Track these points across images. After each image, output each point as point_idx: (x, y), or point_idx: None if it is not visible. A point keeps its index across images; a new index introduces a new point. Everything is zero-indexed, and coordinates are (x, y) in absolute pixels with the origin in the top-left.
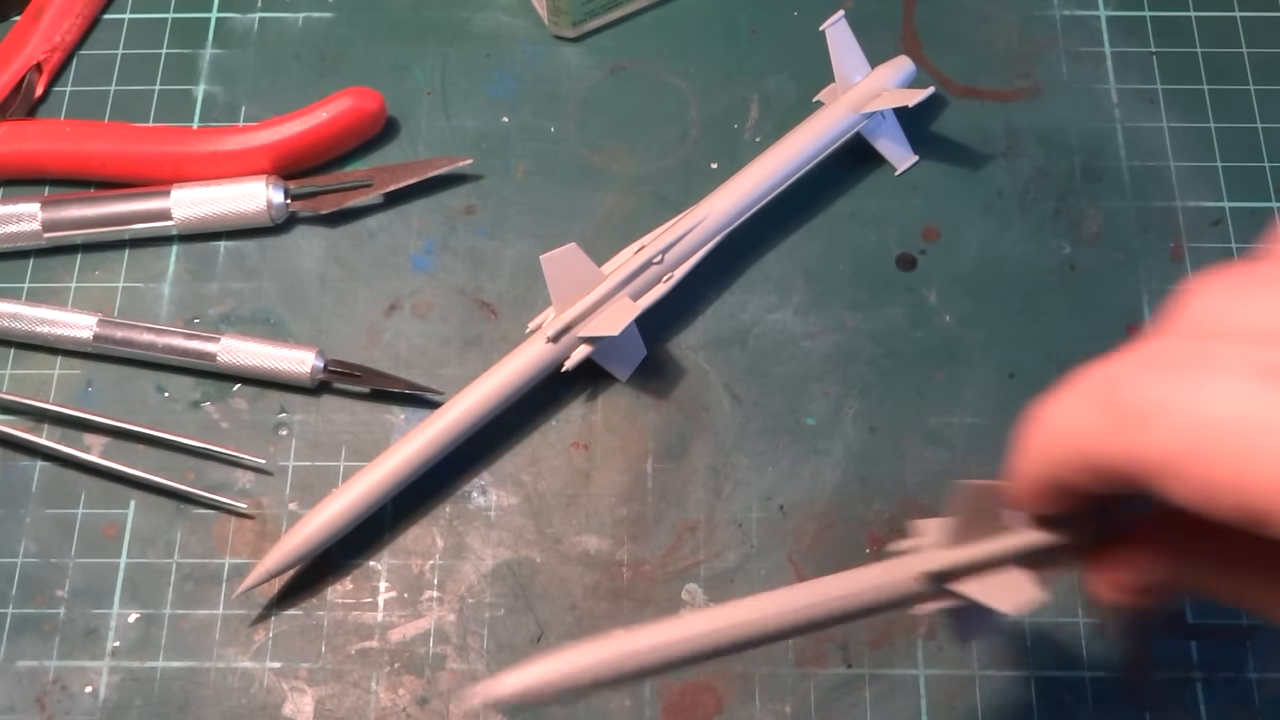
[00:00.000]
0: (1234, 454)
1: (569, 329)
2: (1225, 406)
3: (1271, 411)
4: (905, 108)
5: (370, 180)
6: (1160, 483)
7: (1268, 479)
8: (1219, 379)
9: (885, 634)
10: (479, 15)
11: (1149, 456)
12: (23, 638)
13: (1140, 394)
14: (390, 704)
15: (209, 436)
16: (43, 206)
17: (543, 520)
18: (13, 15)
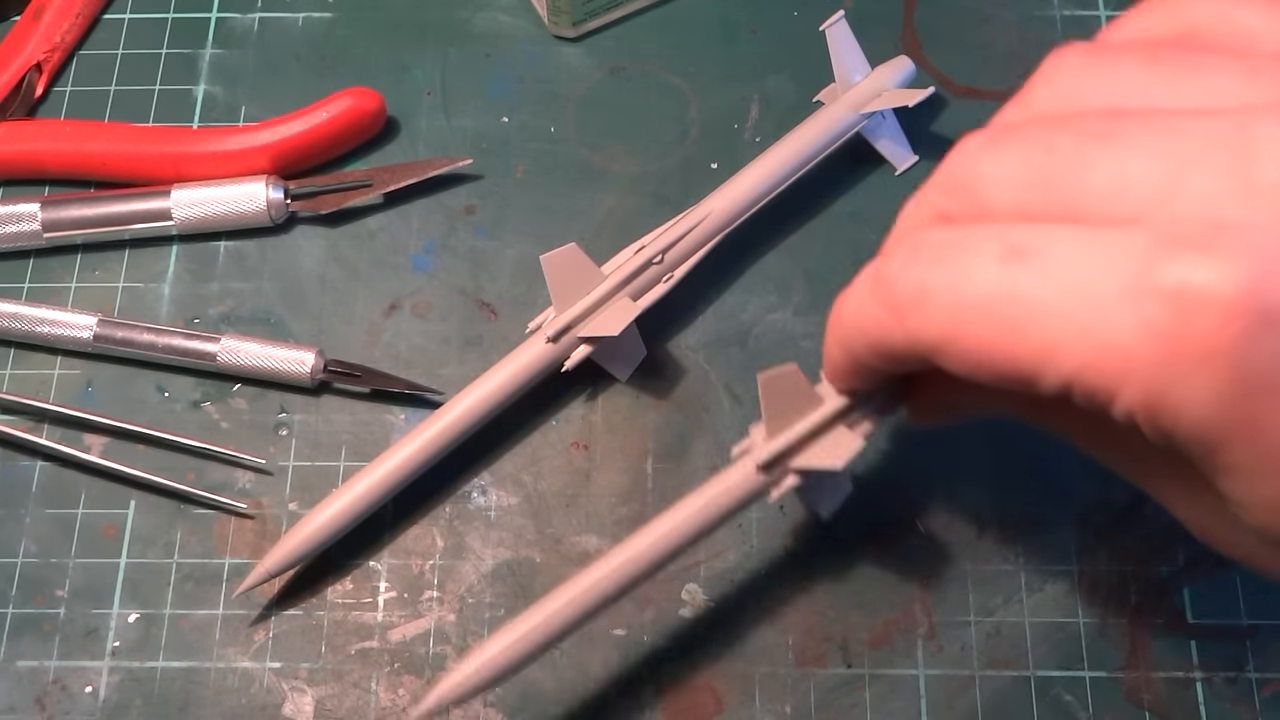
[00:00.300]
0: (988, 329)
1: (569, 329)
2: (976, 287)
3: (1013, 287)
4: (905, 108)
5: (370, 180)
6: (937, 359)
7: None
8: (970, 262)
9: (885, 634)
10: (479, 15)
11: (922, 339)
12: (23, 638)
13: (908, 283)
14: (390, 704)
15: (209, 436)
16: (43, 206)
17: (543, 520)
18: (13, 15)
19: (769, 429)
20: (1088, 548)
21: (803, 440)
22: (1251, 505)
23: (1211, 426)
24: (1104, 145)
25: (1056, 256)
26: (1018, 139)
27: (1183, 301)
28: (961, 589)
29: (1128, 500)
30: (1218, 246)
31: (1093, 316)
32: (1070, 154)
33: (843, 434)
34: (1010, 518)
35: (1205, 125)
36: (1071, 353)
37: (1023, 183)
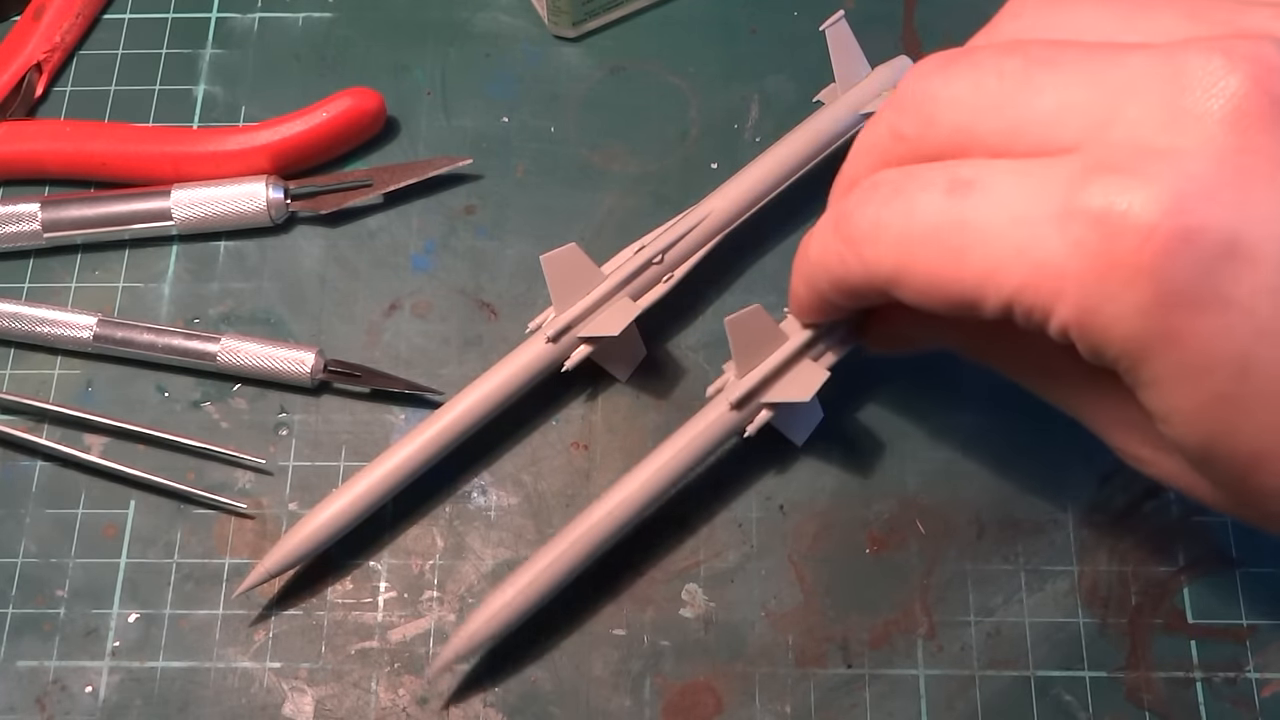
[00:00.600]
0: (935, 257)
1: (569, 329)
2: (924, 218)
3: (956, 216)
4: None
5: (370, 180)
6: (892, 291)
7: (963, 272)
8: (919, 196)
9: (885, 634)
10: (479, 15)
11: (878, 271)
12: (23, 638)
13: (864, 218)
14: (390, 704)
15: (209, 436)
16: (43, 206)
17: (543, 520)
18: (13, 15)
19: (739, 368)
20: (1088, 548)
21: (771, 376)
22: (1171, 417)
23: (1136, 340)
24: (1049, 71)
25: (996, 186)
26: (970, 62)
27: (1108, 222)
28: (961, 589)
29: (1128, 500)
30: (1141, 170)
31: (1028, 239)
32: (1018, 78)
33: (808, 367)
34: (1010, 518)
35: (1143, 57)
36: (1010, 274)
37: (972, 105)
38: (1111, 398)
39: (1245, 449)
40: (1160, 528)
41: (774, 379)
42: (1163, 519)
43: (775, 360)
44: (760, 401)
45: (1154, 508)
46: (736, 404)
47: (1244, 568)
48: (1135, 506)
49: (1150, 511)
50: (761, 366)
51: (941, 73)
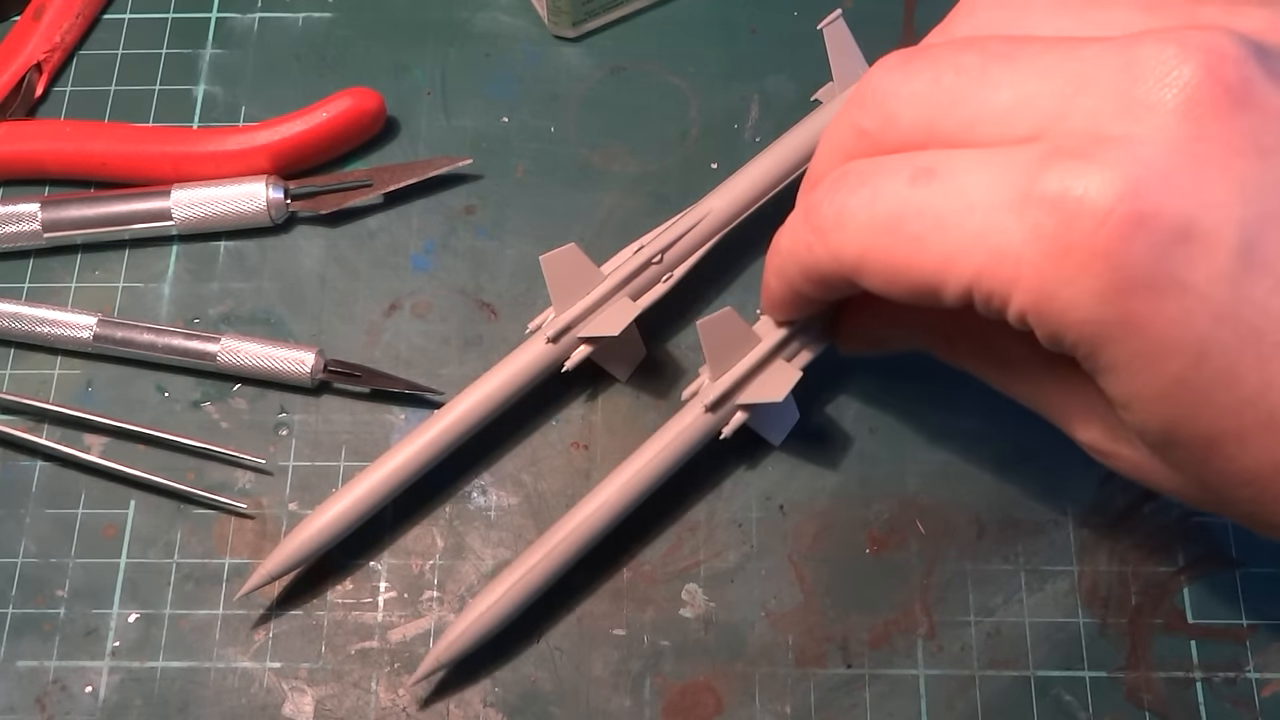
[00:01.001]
0: (896, 244)
1: (569, 329)
2: (886, 206)
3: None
4: None
5: (370, 180)
6: (858, 279)
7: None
8: (882, 185)
9: (885, 634)
10: (479, 15)
11: (843, 258)
12: (23, 638)
13: (831, 207)
14: (390, 704)
15: (209, 436)
16: (43, 206)
17: (543, 520)
18: (13, 15)
19: (713, 371)
20: (1088, 548)
21: (745, 378)
22: (1132, 403)
23: (1093, 325)
24: (1006, 66)
25: (956, 173)
26: (928, 59)
27: (1063, 207)
28: (961, 589)
29: (1128, 500)
30: (1096, 157)
31: (986, 225)
32: (975, 74)
33: (781, 368)
34: (1010, 518)
35: (1098, 49)
36: (968, 260)
37: (931, 101)
38: (1072, 387)
39: (1205, 432)
40: (1160, 528)
41: (748, 380)
42: (1163, 519)
43: (749, 362)
44: (735, 403)
45: (1154, 508)
46: (711, 406)
47: (1244, 568)
48: (1135, 506)
49: (1150, 511)
50: (735, 369)
51: (901, 70)
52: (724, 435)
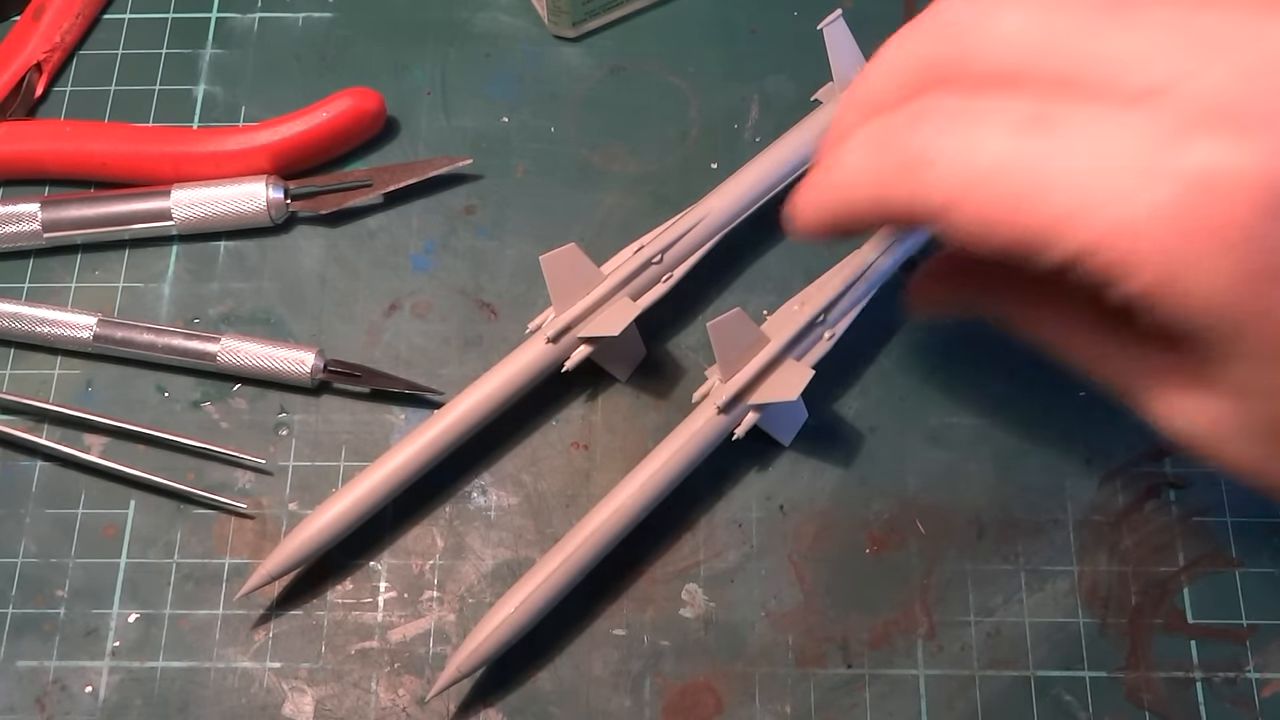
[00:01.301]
0: (999, 195)
1: (569, 329)
2: (990, 152)
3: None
4: None
5: (370, 180)
6: (943, 221)
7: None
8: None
9: (885, 634)
10: (479, 15)
11: (931, 198)
12: (23, 638)
13: (919, 144)
14: (390, 704)
15: (209, 436)
16: (43, 206)
17: (543, 520)
18: (13, 15)
19: (723, 372)
20: (1088, 548)
21: (756, 378)
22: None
23: (1222, 310)
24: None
25: (1076, 129)
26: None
27: (1201, 184)
28: (961, 589)
29: (1128, 500)
30: (1238, 131)
31: (1109, 193)
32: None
33: (793, 366)
34: (1010, 518)
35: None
36: (1083, 227)
37: (1031, 40)
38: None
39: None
40: (1160, 528)
41: (759, 380)
42: (1163, 519)
43: (759, 362)
44: (747, 404)
45: (1154, 508)
46: (724, 408)
47: (1244, 568)
48: (1135, 506)
49: (1150, 511)
50: (746, 369)
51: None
52: (737, 436)
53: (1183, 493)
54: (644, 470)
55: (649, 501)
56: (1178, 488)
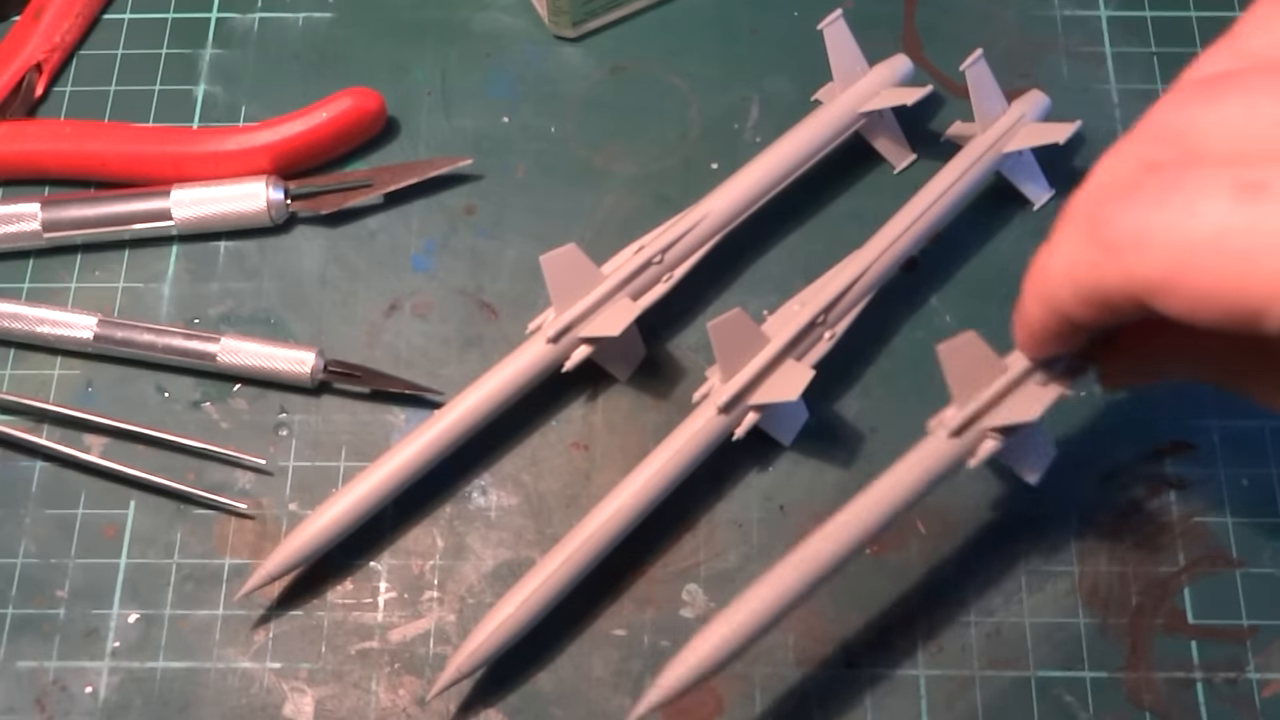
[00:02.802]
0: (1217, 265)
1: (569, 329)
2: (1206, 222)
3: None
4: (904, 106)
5: (370, 180)
6: (1156, 301)
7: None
8: (1199, 199)
9: (885, 634)
10: (479, 15)
11: (1143, 278)
12: (23, 638)
13: (1128, 222)
14: (390, 704)
15: (209, 436)
16: (43, 206)
17: (543, 520)
18: (13, 15)
19: (723, 372)
20: (1088, 548)
21: (757, 378)
22: None
23: None
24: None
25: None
26: (1238, 85)
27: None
28: (961, 589)
29: (1128, 500)
30: None
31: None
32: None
33: (793, 367)
34: (1010, 518)
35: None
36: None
37: (1245, 129)
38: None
39: None
40: (1160, 528)
41: (759, 381)
42: (1163, 519)
43: (759, 362)
44: (747, 404)
45: (1154, 508)
46: (724, 408)
47: (1244, 568)
48: (1135, 506)
49: (1150, 511)
50: (747, 369)
51: (1202, 101)
52: (737, 436)
53: (1183, 493)
54: (644, 470)
55: (649, 501)
56: (1178, 488)
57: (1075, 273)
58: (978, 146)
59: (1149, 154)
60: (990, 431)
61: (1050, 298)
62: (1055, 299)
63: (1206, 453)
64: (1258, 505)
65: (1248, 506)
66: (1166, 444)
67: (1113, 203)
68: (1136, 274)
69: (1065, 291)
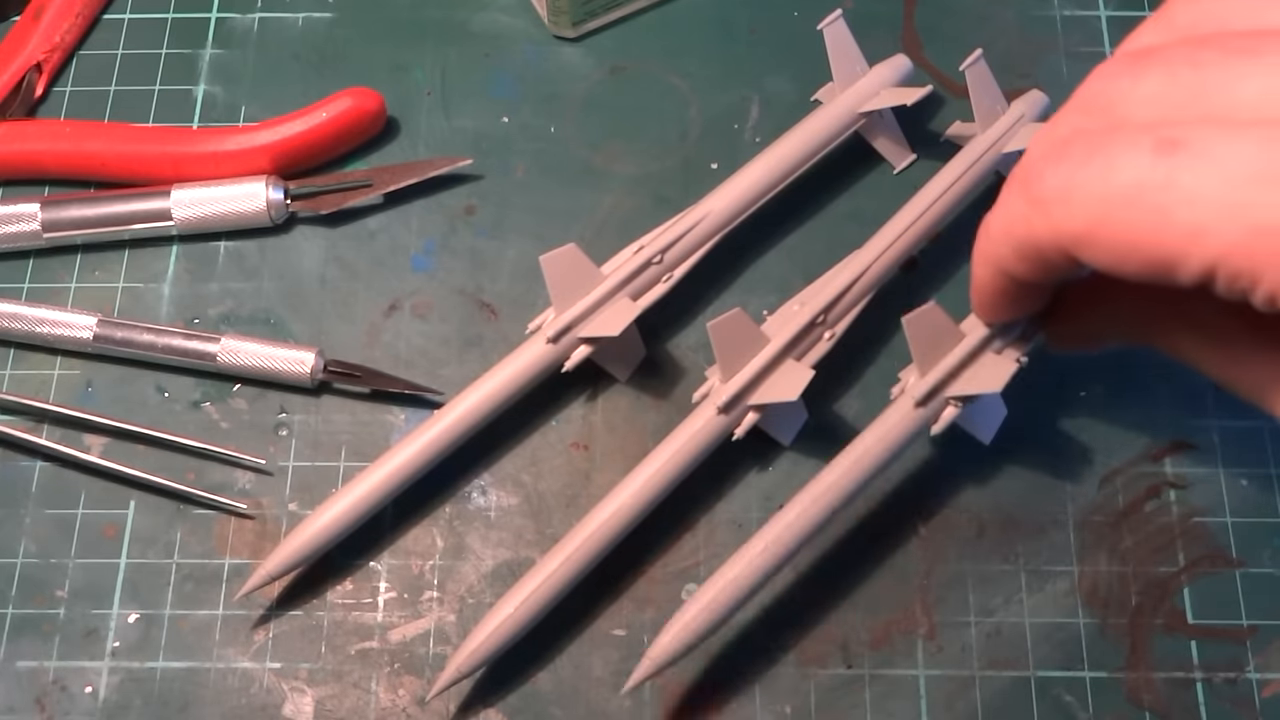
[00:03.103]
0: (1137, 218)
1: (569, 329)
2: (1125, 176)
3: (1164, 175)
4: (904, 106)
5: (370, 180)
6: (1082, 253)
7: (1165, 234)
8: (1120, 155)
9: (885, 634)
10: (479, 15)
11: (1070, 231)
12: (23, 638)
13: (1054, 178)
14: (390, 704)
15: (209, 436)
16: (43, 206)
17: (543, 520)
18: (13, 15)
19: (723, 372)
20: (1088, 548)
21: (757, 378)
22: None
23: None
24: (1252, 59)
25: (1209, 147)
26: (1161, 58)
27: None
28: (961, 589)
29: (1128, 500)
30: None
31: (1243, 200)
32: (1217, 69)
33: (793, 367)
34: (1010, 518)
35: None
36: (1219, 235)
37: (1167, 98)
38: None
39: None
40: (1160, 528)
41: (759, 381)
42: (1163, 519)
43: (759, 362)
44: (747, 404)
45: (1154, 508)
46: (724, 408)
47: (1244, 568)
48: (1135, 506)
49: (1150, 511)
50: (746, 369)
51: (1129, 73)
52: (737, 436)
53: (1183, 493)
54: (644, 470)
55: (649, 501)
56: (1178, 488)
57: (1011, 228)
58: (978, 146)
59: (1080, 122)
60: (952, 400)
61: (992, 255)
62: (996, 255)
63: (1206, 453)
64: (1258, 505)
65: (1248, 506)
66: (1166, 444)
67: (1042, 162)
68: (1063, 227)
69: (1004, 248)
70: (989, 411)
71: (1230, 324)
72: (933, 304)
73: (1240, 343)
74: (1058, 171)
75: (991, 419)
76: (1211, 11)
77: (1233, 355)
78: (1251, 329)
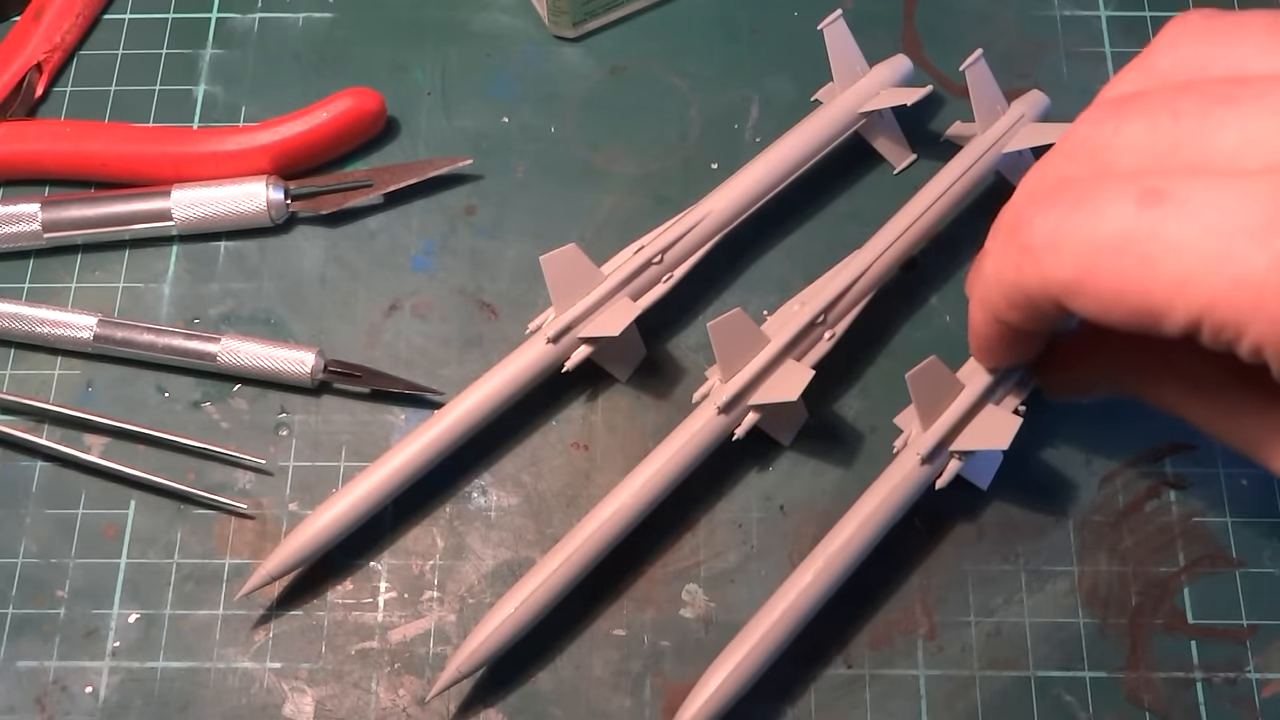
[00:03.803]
0: (1124, 266)
1: (569, 329)
2: (1111, 226)
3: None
4: (904, 106)
5: (370, 180)
6: (1071, 302)
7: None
8: (1106, 206)
9: (885, 634)
10: (479, 15)
11: (1058, 280)
12: (23, 638)
13: (1043, 227)
14: (390, 704)
15: (209, 436)
16: (43, 206)
17: (543, 520)
18: (13, 15)
19: (723, 372)
20: (1088, 548)
21: (757, 378)
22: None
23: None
24: (1229, 107)
25: (1192, 198)
26: (1142, 106)
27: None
28: (961, 589)
29: (1128, 500)
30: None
31: (1225, 251)
32: (1195, 117)
33: (793, 367)
34: (1010, 518)
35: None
36: (1203, 287)
37: (1149, 147)
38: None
39: None
40: (1160, 528)
41: (759, 381)
42: (1163, 519)
43: (759, 362)
44: (747, 404)
45: (1154, 508)
46: (724, 408)
47: (1244, 568)
48: (1135, 506)
49: (1150, 511)
50: (747, 369)
51: (1112, 119)
52: (737, 436)
53: (1183, 493)
54: (644, 470)
55: (649, 501)
56: (1178, 488)
57: (1001, 275)
58: (978, 146)
59: (1067, 169)
60: (956, 454)
61: (985, 299)
62: (988, 301)
63: (1206, 453)
64: (1258, 505)
65: (1248, 506)
66: (1166, 444)
67: (1031, 209)
68: (1051, 276)
69: (996, 294)
70: (987, 458)
71: (1219, 377)
72: (934, 359)
73: (1229, 396)
74: (1046, 219)
75: (989, 466)
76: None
77: (1223, 408)
78: (1240, 381)
